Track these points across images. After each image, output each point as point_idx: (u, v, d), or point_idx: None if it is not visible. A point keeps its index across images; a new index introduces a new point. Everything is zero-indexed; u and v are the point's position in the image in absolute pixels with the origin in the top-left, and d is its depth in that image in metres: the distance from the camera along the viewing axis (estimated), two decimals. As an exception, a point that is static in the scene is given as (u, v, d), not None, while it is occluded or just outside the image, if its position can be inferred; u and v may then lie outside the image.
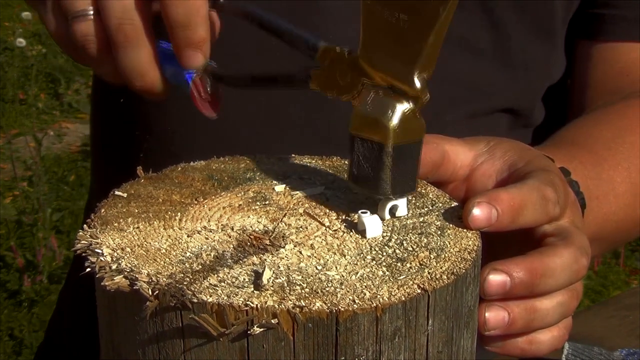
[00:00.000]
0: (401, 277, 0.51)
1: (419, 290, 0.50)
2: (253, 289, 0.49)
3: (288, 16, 0.85)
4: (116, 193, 0.61)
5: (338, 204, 0.60)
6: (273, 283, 0.50)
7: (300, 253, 0.54)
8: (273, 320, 0.48)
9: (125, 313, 0.51)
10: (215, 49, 0.66)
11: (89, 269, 0.52)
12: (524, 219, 0.59)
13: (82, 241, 0.54)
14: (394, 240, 0.55)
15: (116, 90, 0.95)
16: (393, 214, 0.58)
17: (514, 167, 0.64)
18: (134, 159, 0.93)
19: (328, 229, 0.57)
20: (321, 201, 0.60)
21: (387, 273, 0.51)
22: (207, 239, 0.55)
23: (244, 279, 0.50)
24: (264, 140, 0.89)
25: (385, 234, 0.56)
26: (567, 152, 0.79)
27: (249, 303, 0.48)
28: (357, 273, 0.51)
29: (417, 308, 0.50)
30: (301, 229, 0.57)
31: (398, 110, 0.55)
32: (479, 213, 0.57)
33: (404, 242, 0.55)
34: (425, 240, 0.55)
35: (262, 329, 0.48)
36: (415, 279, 0.51)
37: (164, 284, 0.49)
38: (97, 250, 0.53)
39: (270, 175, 0.64)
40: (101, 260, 0.52)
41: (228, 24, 0.68)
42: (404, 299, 0.49)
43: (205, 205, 0.59)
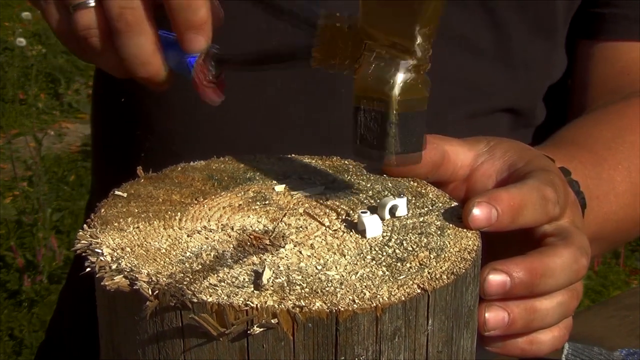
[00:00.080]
0: (401, 277, 0.51)
1: (419, 290, 0.50)
2: (253, 289, 0.49)
3: None
4: (116, 193, 0.61)
5: (338, 203, 0.60)
6: (273, 283, 0.50)
7: (300, 253, 0.54)
8: (273, 320, 0.47)
9: (125, 313, 0.51)
10: (216, 38, 0.65)
11: (88, 269, 0.52)
12: (524, 219, 0.59)
13: (82, 241, 0.54)
14: (393, 240, 0.55)
15: (117, 90, 0.95)
16: (393, 214, 0.58)
17: (514, 167, 0.64)
18: (135, 158, 0.93)
19: (328, 229, 0.57)
20: (321, 201, 0.60)
21: (387, 273, 0.51)
22: (207, 238, 0.55)
23: (244, 279, 0.50)
24: (264, 140, 0.89)
25: (385, 234, 0.56)
26: (567, 152, 0.79)
27: (248, 303, 0.48)
28: (357, 273, 0.51)
29: (417, 308, 0.50)
30: (301, 229, 0.57)
31: (402, 68, 0.55)
32: (479, 213, 0.57)
33: (404, 242, 0.55)
34: (425, 240, 0.55)
35: (262, 329, 0.48)
36: (415, 279, 0.51)
37: (164, 284, 0.49)
38: (97, 250, 0.53)
39: (270, 175, 0.64)
40: (101, 260, 0.52)
41: (228, 13, 0.68)
42: (403, 298, 0.49)
43: (205, 205, 0.59)
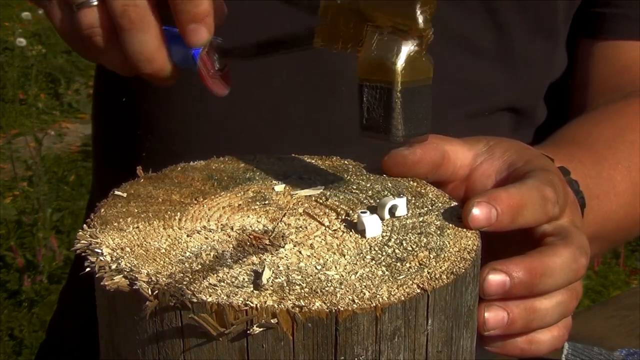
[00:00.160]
0: (401, 277, 0.51)
1: (419, 290, 0.50)
2: (252, 289, 0.49)
3: None
4: (116, 193, 0.61)
5: (338, 203, 0.60)
6: (272, 283, 0.50)
7: (300, 253, 0.54)
8: (272, 320, 0.48)
9: (125, 313, 0.51)
10: (219, 27, 0.65)
11: (88, 269, 0.52)
12: (524, 218, 0.59)
13: (82, 241, 0.54)
14: (393, 240, 0.55)
15: (118, 89, 0.95)
16: (393, 214, 0.58)
17: (513, 167, 0.64)
18: (135, 158, 0.93)
19: (327, 229, 0.57)
20: (321, 201, 0.60)
21: (387, 273, 0.51)
22: (207, 238, 0.55)
23: (244, 279, 0.50)
24: (264, 140, 0.89)
25: (384, 234, 0.56)
26: (567, 151, 0.79)
27: (248, 303, 0.48)
28: (357, 273, 0.51)
29: (417, 308, 0.50)
30: (301, 229, 0.57)
31: (404, 50, 0.55)
32: (478, 213, 0.57)
33: (404, 242, 0.55)
34: (425, 240, 0.55)
35: (262, 329, 0.48)
36: (414, 279, 0.51)
37: (164, 284, 0.49)
38: (97, 250, 0.53)
39: (270, 175, 0.64)
40: (101, 260, 0.52)
41: (231, 8, 0.67)
42: (403, 298, 0.49)
43: (205, 205, 0.59)
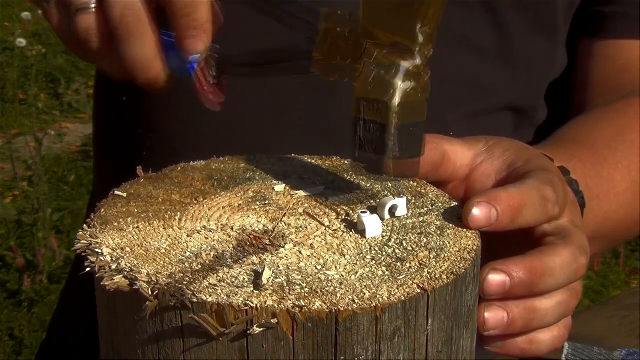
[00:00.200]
0: (401, 277, 0.51)
1: (419, 290, 0.50)
2: (253, 289, 0.49)
3: None
4: (116, 193, 0.61)
5: (338, 203, 0.60)
6: (273, 283, 0.50)
7: (300, 253, 0.54)
8: (273, 320, 0.48)
9: (125, 313, 0.51)
10: (216, 41, 0.65)
11: (88, 269, 0.52)
12: (524, 218, 0.59)
13: (82, 241, 0.54)
14: (393, 240, 0.55)
15: (119, 89, 0.95)
16: (393, 214, 0.58)
17: (513, 167, 0.64)
18: (136, 158, 0.93)
19: (328, 229, 0.57)
20: (321, 201, 0.60)
21: (387, 273, 0.51)
22: (207, 238, 0.55)
23: (244, 279, 0.50)
24: (264, 140, 0.89)
25: (384, 234, 0.56)
26: (567, 151, 0.79)
27: (248, 303, 0.48)
28: (357, 273, 0.51)
29: (417, 308, 0.50)
30: (301, 229, 0.57)
31: (402, 69, 0.55)
32: (478, 213, 0.57)
33: (404, 242, 0.55)
34: (425, 240, 0.55)
35: (262, 329, 0.48)
36: (414, 279, 0.51)
37: (164, 284, 0.49)
38: (97, 250, 0.53)
39: (270, 175, 0.64)
40: (101, 260, 0.52)
41: (229, 16, 0.68)
42: (403, 298, 0.49)
43: (205, 205, 0.59)
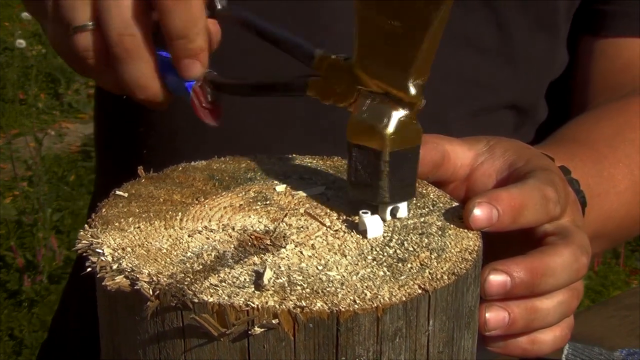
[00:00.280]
0: (402, 278, 0.51)
1: (420, 291, 0.50)
2: (254, 289, 0.49)
3: (291, 15, 0.84)
4: (117, 193, 0.61)
5: (339, 204, 0.60)
6: (274, 283, 0.50)
7: (301, 253, 0.54)
8: (274, 321, 0.47)
9: (126, 313, 0.51)
10: (215, 57, 0.66)
11: (89, 269, 0.52)
12: (525, 218, 0.59)
13: (83, 241, 0.54)
14: (394, 240, 0.55)
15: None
16: (394, 215, 0.58)
17: (514, 166, 0.64)
18: (137, 157, 0.93)
19: (329, 229, 0.57)
20: (322, 201, 0.60)
21: (388, 273, 0.51)
22: (208, 238, 0.55)
23: (245, 279, 0.50)
24: (265, 140, 0.89)
25: (386, 234, 0.56)
26: (568, 150, 0.79)
27: (249, 303, 0.48)
28: (358, 273, 0.51)
29: (418, 308, 0.50)
30: (302, 229, 0.57)
31: (394, 118, 0.55)
32: (479, 213, 0.57)
33: (405, 243, 0.55)
34: (426, 240, 0.55)
35: (263, 329, 0.48)
36: (416, 279, 0.51)
37: (165, 284, 0.49)
38: (98, 250, 0.53)
39: (271, 175, 0.64)
40: (102, 260, 0.52)
41: (228, 32, 0.68)
42: (404, 299, 0.49)
43: (206, 205, 0.59)
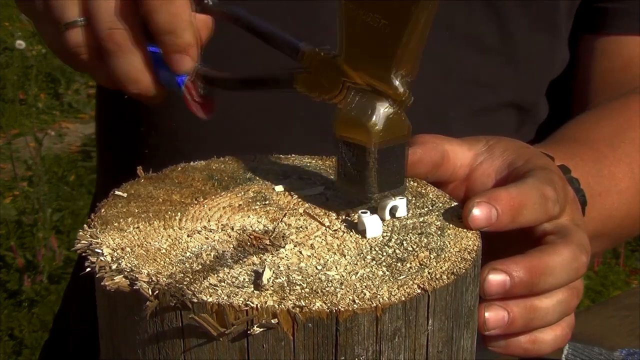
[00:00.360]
0: (401, 277, 0.51)
1: (419, 290, 0.50)
2: (253, 289, 0.49)
3: (291, 15, 0.84)
4: (116, 193, 0.61)
5: (338, 204, 0.60)
6: (273, 283, 0.50)
7: (300, 253, 0.54)
8: (273, 320, 0.48)
9: (125, 313, 0.51)
10: (207, 50, 0.66)
11: (89, 269, 0.52)
12: (524, 218, 0.59)
13: (82, 241, 0.54)
14: (394, 240, 0.55)
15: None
16: (393, 215, 0.58)
17: (513, 166, 0.64)
18: (139, 155, 0.93)
19: (328, 229, 0.57)
20: (321, 201, 0.60)
21: (387, 273, 0.51)
22: (207, 238, 0.55)
23: (244, 279, 0.50)
24: (264, 140, 0.89)
25: (385, 234, 0.56)
26: (568, 150, 0.79)
27: (249, 303, 0.48)
28: (357, 273, 0.51)
29: (417, 308, 0.50)
30: (301, 229, 0.57)
31: (380, 111, 0.56)
32: (478, 213, 0.57)
33: (404, 242, 0.55)
34: (425, 240, 0.55)
35: (262, 329, 0.48)
36: (415, 279, 0.51)
37: (164, 284, 0.49)
38: (97, 250, 0.53)
39: (270, 175, 0.64)
40: (101, 260, 0.52)
41: (228, 32, 0.68)
42: (404, 299, 0.49)
43: (205, 205, 0.59)
